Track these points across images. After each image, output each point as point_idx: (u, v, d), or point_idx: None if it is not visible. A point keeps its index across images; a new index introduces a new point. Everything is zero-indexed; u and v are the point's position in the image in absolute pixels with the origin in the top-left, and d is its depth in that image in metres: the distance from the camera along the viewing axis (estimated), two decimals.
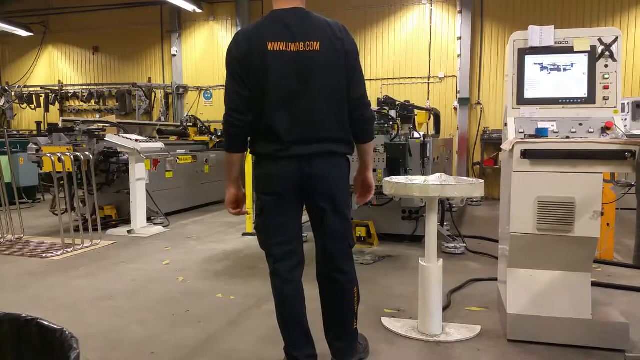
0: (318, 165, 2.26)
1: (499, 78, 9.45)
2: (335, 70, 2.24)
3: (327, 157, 2.28)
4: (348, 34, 2.30)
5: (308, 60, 2.20)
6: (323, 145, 2.25)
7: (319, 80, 2.22)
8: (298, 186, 2.27)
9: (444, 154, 6.82)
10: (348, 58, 2.26)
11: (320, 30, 2.23)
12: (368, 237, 5.37)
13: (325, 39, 2.21)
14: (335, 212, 2.32)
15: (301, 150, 2.23)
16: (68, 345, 1.17)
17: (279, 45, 2.19)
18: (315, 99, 2.23)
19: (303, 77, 2.21)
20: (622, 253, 4.84)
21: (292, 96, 2.22)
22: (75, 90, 12.55)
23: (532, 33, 2.96)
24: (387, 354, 2.75)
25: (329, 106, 2.25)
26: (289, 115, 2.22)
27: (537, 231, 2.78)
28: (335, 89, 2.26)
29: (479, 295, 3.69)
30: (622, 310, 2.99)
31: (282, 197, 2.29)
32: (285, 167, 2.25)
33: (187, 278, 4.21)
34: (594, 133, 2.77)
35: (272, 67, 2.19)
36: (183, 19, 11.52)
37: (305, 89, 2.22)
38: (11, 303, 3.62)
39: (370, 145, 2.44)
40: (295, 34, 2.20)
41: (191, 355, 2.76)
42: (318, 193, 2.29)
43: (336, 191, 2.32)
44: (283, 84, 2.21)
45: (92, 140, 6.24)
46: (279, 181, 2.28)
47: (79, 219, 5.81)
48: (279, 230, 2.33)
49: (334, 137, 2.28)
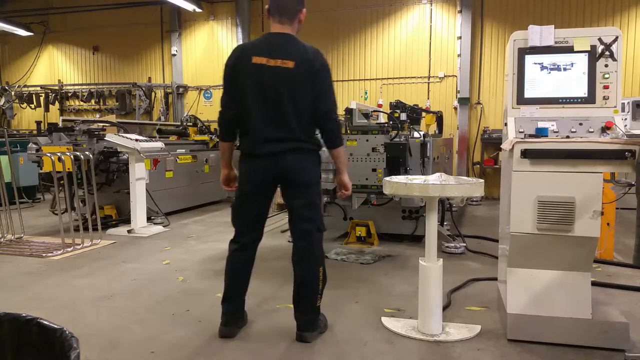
0: (289, 160, 2.75)
1: (499, 78, 9.45)
2: (304, 85, 2.72)
3: (297, 152, 2.76)
4: (320, 57, 2.77)
5: (282, 74, 2.70)
6: (292, 144, 2.74)
7: (288, 91, 2.71)
8: (273, 178, 2.80)
9: (444, 154, 6.83)
10: (316, 76, 2.73)
11: (296, 52, 2.72)
12: (368, 236, 5.38)
13: (299, 59, 2.71)
14: (303, 198, 2.82)
15: (275, 147, 2.74)
16: (68, 345, 1.17)
17: (260, 60, 2.72)
18: (285, 106, 2.72)
19: (276, 88, 2.71)
20: (622, 253, 4.84)
21: (267, 102, 2.73)
22: (75, 90, 12.55)
23: (532, 33, 2.96)
24: (387, 353, 2.75)
25: (295, 114, 2.73)
26: (263, 117, 2.74)
27: (537, 231, 2.78)
28: (300, 100, 2.73)
29: (478, 295, 3.69)
30: (622, 310, 3.00)
31: (257, 188, 2.84)
32: (261, 162, 2.77)
33: (187, 278, 4.21)
34: (594, 133, 2.77)
35: (253, 77, 2.73)
36: (183, 18, 11.52)
37: (277, 97, 2.71)
38: (11, 303, 3.62)
39: (338, 151, 2.88)
40: (276, 52, 2.72)
41: (191, 355, 2.76)
42: (289, 183, 2.81)
43: (305, 180, 2.80)
44: (259, 91, 2.73)
45: (92, 139, 6.24)
46: (256, 174, 2.81)
47: (79, 218, 5.81)
48: (250, 213, 2.90)
49: (300, 138, 2.76)
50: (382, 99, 9.93)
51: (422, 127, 6.87)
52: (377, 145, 5.04)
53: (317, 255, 2.86)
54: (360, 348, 2.81)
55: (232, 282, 2.96)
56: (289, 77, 2.70)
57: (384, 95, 10.04)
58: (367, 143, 5.09)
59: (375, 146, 5.06)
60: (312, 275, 2.83)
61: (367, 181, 5.09)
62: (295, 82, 2.70)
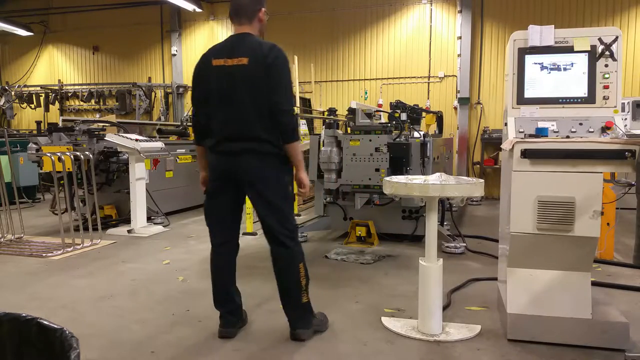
0: (247, 160, 2.73)
1: (499, 78, 9.45)
2: (258, 80, 2.70)
3: (254, 152, 2.74)
4: (274, 51, 2.73)
5: (239, 71, 2.72)
6: (251, 143, 2.73)
7: (245, 88, 2.72)
8: (232, 177, 2.79)
9: (444, 154, 6.83)
10: (270, 70, 2.70)
11: (250, 48, 2.73)
12: (368, 236, 5.38)
13: (252, 55, 2.71)
14: (264, 200, 2.78)
15: (232, 146, 2.75)
16: (68, 345, 1.17)
17: (220, 62, 2.76)
18: (243, 104, 2.72)
19: (234, 86, 2.73)
20: (622, 252, 4.84)
21: (226, 101, 2.75)
22: (75, 90, 12.55)
23: (532, 32, 2.96)
24: (387, 353, 2.75)
25: (254, 111, 2.72)
26: (224, 116, 2.77)
27: (537, 231, 2.78)
28: (258, 96, 2.71)
29: (479, 295, 3.69)
30: (622, 310, 2.99)
31: (220, 184, 2.85)
32: (220, 160, 2.81)
33: (187, 278, 4.21)
34: (594, 133, 2.77)
35: (213, 78, 2.78)
36: (183, 18, 11.52)
37: (236, 95, 2.73)
38: (11, 302, 3.62)
39: (292, 147, 2.79)
40: (234, 52, 2.75)
41: (191, 354, 2.76)
42: (248, 184, 2.79)
43: (264, 182, 2.76)
44: (219, 91, 2.76)
45: (92, 139, 6.23)
46: (216, 171, 2.85)
47: (79, 218, 5.81)
48: (217, 211, 2.91)
49: (259, 137, 2.73)
50: (382, 99, 9.94)
51: (422, 127, 6.89)
52: (381, 145, 5.05)
53: (293, 255, 2.84)
54: (360, 348, 2.81)
55: (215, 284, 2.96)
56: (245, 73, 2.70)
57: (384, 95, 10.04)
58: (370, 143, 5.10)
59: (378, 146, 5.07)
60: (291, 275, 2.82)
61: (370, 181, 5.10)
62: (252, 78, 2.70)
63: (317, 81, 10.41)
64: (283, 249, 2.82)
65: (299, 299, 2.85)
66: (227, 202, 2.89)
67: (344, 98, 10.33)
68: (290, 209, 2.87)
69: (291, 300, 2.87)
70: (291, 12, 10.55)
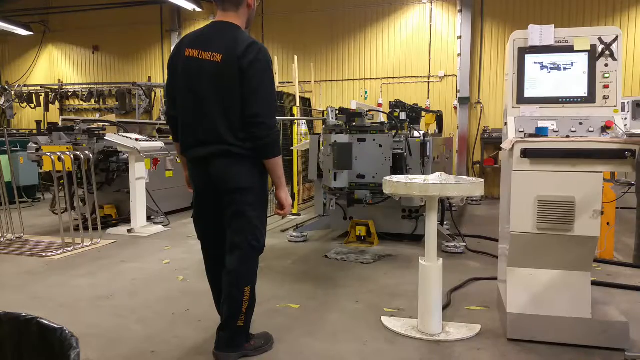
0: (217, 165, 2.46)
1: (499, 77, 9.45)
2: (229, 83, 2.38)
3: (224, 157, 2.44)
4: (252, 52, 2.36)
5: (209, 68, 2.40)
6: (218, 147, 2.43)
7: (215, 88, 2.40)
8: (209, 185, 2.53)
9: (444, 153, 6.83)
10: (245, 74, 2.35)
11: (226, 45, 2.39)
12: (368, 236, 5.38)
13: (226, 53, 2.37)
14: (232, 208, 2.51)
15: (202, 151, 2.48)
16: (68, 345, 1.17)
17: (192, 52, 2.43)
18: (212, 105, 2.41)
19: (203, 84, 2.42)
20: (622, 252, 4.84)
21: (195, 99, 2.45)
22: (75, 90, 12.55)
23: (532, 32, 2.96)
24: (387, 353, 2.75)
25: (223, 113, 2.40)
26: (194, 117, 2.47)
27: (537, 230, 2.78)
28: (230, 99, 2.39)
29: (478, 295, 3.69)
30: (622, 310, 3.00)
31: (198, 191, 2.63)
32: (195, 167, 2.58)
33: (187, 277, 4.21)
34: (594, 132, 2.77)
35: (184, 71, 2.46)
36: (183, 18, 11.52)
37: (205, 94, 2.42)
38: (11, 302, 3.62)
39: (271, 163, 2.49)
40: (209, 44, 2.42)
41: (191, 354, 2.76)
42: (220, 190, 2.51)
43: (232, 188, 2.48)
44: (188, 87, 2.46)
45: (92, 139, 6.23)
46: (194, 180, 2.62)
47: (79, 218, 5.81)
48: (201, 224, 2.72)
49: (228, 141, 2.42)
50: (382, 99, 9.94)
51: (422, 126, 6.88)
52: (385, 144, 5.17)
53: (244, 273, 2.55)
54: (360, 348, 2.81)
55: (213, 287, 2.82)
56: (216, 72, 2.38)
57: (383, 95, 10.04)
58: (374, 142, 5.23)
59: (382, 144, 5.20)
60: (236, 293, 2.53)
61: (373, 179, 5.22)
62: (222, 77, 2.37)
63: (317, 81, 10.40)
64: (237, 264, 2.53)
65: (234, 321, 2.57)
66: (209, 213, 2.64)
67: (344, 98, 10.33)
68: (260, 221, 2.57)
69: (227, 319, 2.59)
70: (291, 12, 10.55)
